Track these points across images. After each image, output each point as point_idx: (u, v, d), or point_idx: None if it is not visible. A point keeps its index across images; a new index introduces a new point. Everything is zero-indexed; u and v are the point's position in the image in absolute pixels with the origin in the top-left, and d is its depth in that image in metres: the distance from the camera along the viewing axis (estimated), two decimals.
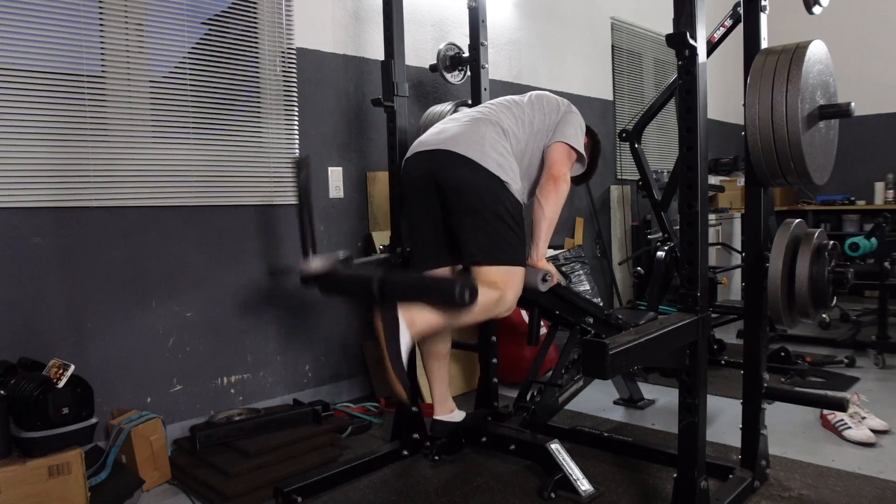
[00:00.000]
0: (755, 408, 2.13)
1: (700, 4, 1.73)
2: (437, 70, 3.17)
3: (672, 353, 1.78)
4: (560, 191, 2.15)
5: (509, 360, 3.25)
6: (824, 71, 2.05)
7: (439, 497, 2.19)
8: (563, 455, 2.18)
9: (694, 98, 1.74)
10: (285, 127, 3.01)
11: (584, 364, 1.60)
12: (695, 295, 1.78)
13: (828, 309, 2.12)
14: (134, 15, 2.54)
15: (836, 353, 3.72)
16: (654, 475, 2.28)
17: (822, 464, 2.33)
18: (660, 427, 2.78)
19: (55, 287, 2.35)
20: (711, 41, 3.10)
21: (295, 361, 3.04)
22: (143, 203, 2.55)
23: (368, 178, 3.32)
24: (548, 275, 2.17)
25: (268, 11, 2.95)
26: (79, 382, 2.07)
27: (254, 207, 2.89)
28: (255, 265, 2.89)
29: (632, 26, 5.25)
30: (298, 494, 2.14)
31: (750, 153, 2.01)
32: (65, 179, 2.36)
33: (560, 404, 2.53)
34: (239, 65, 2.85)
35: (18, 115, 2.26)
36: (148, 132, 2.59)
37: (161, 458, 2.36)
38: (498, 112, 2.21)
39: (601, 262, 4.85)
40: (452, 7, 3.74)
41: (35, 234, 2.31)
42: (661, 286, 3.49)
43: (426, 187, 2.14)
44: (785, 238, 2.03)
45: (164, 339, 2.62)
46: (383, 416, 2.97)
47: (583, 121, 2.32)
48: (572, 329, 2.56)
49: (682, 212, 1.80)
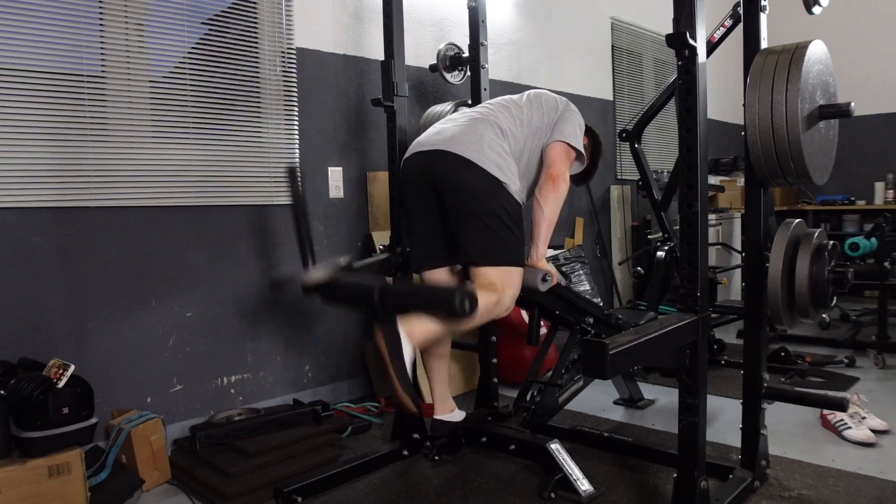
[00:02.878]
0: (755, 408, 2.13)
1: (700, 4, 1.73)
2: (437, 70, 3.17)
3: (672, 353, 1.78)
4: (559, 190, 2.15)
5: (509, 360, 3.25)
6: (824, 71, 2.05)
7: (439, 497, 2.19)
8: (563, 455, 2.18)
9: (694, 98, 1.74)
10: (285, 127, 3.01)
11: (584, 364, 1.60)
12: (695, 295, 1.79)
13: (828, 309, 2.12)
14: (134, 15, 2.54)
15: (836, 353, 3.73)
16: (654, 475, 2.28)
17: (822, 464, 2.33)
18: (660, 427, 2.78)
19: (55, 287, 2.35)
20: (711, 41, 3.10)
21: (295, 361, 3.04)
22: (143, 203, 2.55)
23: (368, 177, 3.32)
24: (548, 275, 2.17)
25: (268, 11, 2.95)
26: (79, 382, 2.07)
27: (254, 207, 2.89)
28: (255, 265, 2.89)
29: (632, 26, 5.25)
30: (298, 494, 2.14)
31: (750, 153, 2.01)
32: (65, 179, 2.36)
33: (560, 404, 2.53)
34: (239, 65, 2.85)
35: (18, 115, 2.26)
36: (148, 132, 2.59)
37: (161, 458, 2.36)
38: (496, 112, 2.21)
39: (601, 262, 4.85)
40: (452, 7, 3.74)
41: (35, 234, 2.31)
42: (661, 286, 3.49)
43: (424, 188, 2.14)
44: (785, 238, 2.03)
45: (164, 339, 2.62)
46: (383, 416, 2.97)
47: (582, 119, 2.31)
48: (572, 329, 2.56)
49: (682, 212, 1.80)
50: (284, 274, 2.92)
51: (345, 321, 3.21)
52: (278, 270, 2.95)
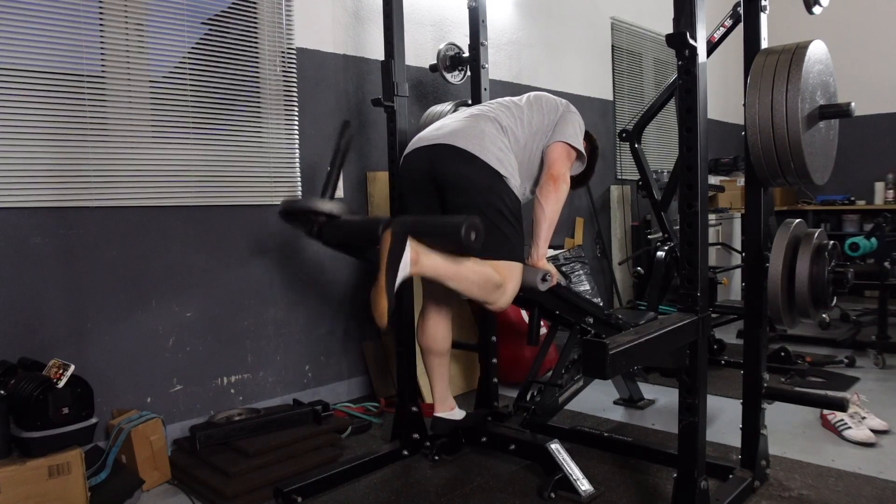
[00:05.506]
0: (755, 408, 2.13)
1: (700, 4, 1.73)
2: (437, 70, 3.17)
3: (672, 353, 1.79)
4: (560, 190, 2.15)
5: (509, 360, 3.25)
6: (824, 71, 2.05)
7: (439, 497, 2.19)
8: (563, 455, 2.18)
9: (694, 98, 1.74)
10: (285, 127, 3.01)
11: (584, 364, 1.60)
12: (695, 295, 1.79)
13: (828, 309, 2.12)
14: (134, 15, 2.54)
15: (836, 353, 3.73)
16: (654, 475, 2.28)
17: (822, 464, 2.33)
18: (660, 427, 2.78)
19: (55, 287, 2.35)
20: (711, 41, 3.10)
21: (295, 361, 3.04)
22: (143, 203, 2.55)
23: (368, 177, 3.32)
24: (548, 275, 2.17)
25: (268, 11, 2.95)
26: (79, 382, 2.07)
27: (254, 207, 2.89)
28: (255, 265, 2.89)
29: (632, 26, 5.25)
30: (298, 494, 2.14)
31: (750, 153, 2.01)
32: (65, 179, 2.36)
33: (560, 404, 2.53)
34: (239, 65, 2.85)
35: (18, 115, 2.26)
36: (148, 132, 2.59)
37: (161, 458, 2.36)
38: (497, 111, 2.22)
39: (601, 262, 4.85)
40: (452, 7, 3.74)
41: (35, 234, 2.31)
42: (661, 286, 3.50)
43: (425, 182, 2.15)
44: (785, 238, 2.03)
45: (164, 339, 2.62)
46: (383, 416, 2.97)
47: (582, 121, 2.32)
48: (572, 329, 2.56)
49: (682, 212, 1.80)
50: (298, 201, 2.78)
51: (345, 322, 3.22)
52: (291, 198, 2.92)
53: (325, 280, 3.16)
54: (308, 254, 3.08)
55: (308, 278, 3.08)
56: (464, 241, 1.80)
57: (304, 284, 3.07)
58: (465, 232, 1.79)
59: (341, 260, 3.17)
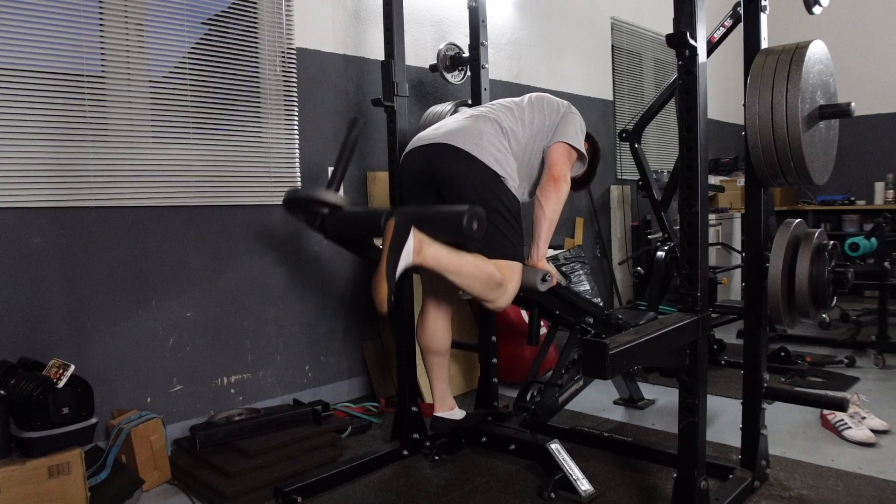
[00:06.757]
0: (755, 408, 2.13)
1: (700, 4, 1.73)
2: (437, 70, 3.17)
3: (672, 353, 1.78)
4: (560, 191, 2.15)
5: (509, 360, 3.25)
6: (824, 71, 2.05)
7: (439, 497, 2.19)
8: (563, 455, 2.18)
9: (694, 98, 1.74)
10: (285, 127, 3.01)
11: (584, 364, 1.60)
12: (695, 295, 1.79)
13: (828, 309, 2.12)
14: (134, 15, 2.54)
15: (836, 353, 3.73)
16: (654, 475, 2.28)
17: (822, 464, 2.33)
18: (660, 427, 2.78)
19: (55, 287, 2.35)
20: (711, 41, 3.10)
21: (295, 361, 3.04)
22: (143, 203, 2.55)
23: (368, 177, 3.32)
24: (547, 275, 2.17)
25: (268, 11, 2.95)
26: (79, 382, 2.07)
27: (254, 207, 2.89)
28: (255, 265, 2.89)
29: (632, 26, 5.25)
30: (298, 494, 2.14)
31: (750, 153, 2.01)
32: (65, 179, 2.36)
33: (560, 404, 2.53)
34: (239, 65, 2.85)
35: (18, 115, 2.26)
36: (148, 132, 2.59)
37: (161, 458, 2.36)
38: (497, 111, 2.22)
39: (601, 262, 4.85)
40: (452, 7, 3.74)
41: (35, 234, 2.31)
42: (661, 286, 3.49)
43: (423, 181, 2.15)
44: (785, 238, 2.03)
45: (164, 339, 2.62)
46: (383, 416, 2.97)
47: (583, 122, 2.32)
48: (572, 329, 2.56)
49: (682, 212, 1.80)
50: (302, 190, 2.80)
51: (345, 322, 3.22)
52: (295, 187, 2.93)
53: (326, 280, 3.16)
54: (308, 254, 3.08)
55: (308, 278, 3.08)
56: (465, 230, 1.79)
57: (304, 284, 3.07)
58: (468, 220, 1.79)
59: (342, 260, 3.18)
